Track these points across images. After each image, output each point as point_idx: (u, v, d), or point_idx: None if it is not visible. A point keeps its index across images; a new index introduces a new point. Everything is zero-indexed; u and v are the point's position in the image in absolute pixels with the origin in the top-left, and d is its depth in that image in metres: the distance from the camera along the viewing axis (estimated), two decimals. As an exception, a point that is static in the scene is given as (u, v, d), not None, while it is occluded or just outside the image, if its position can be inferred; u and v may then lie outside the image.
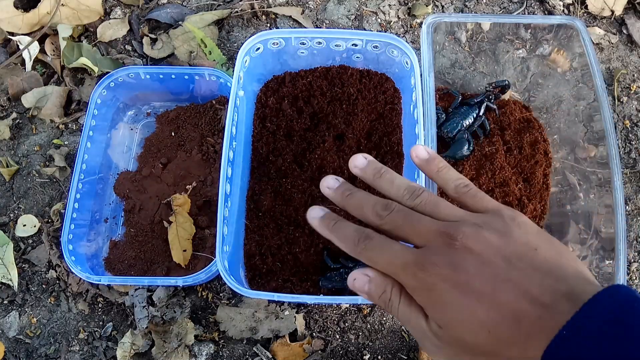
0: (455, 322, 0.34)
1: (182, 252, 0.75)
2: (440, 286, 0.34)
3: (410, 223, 0.38)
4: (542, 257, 0.34)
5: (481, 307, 0.33)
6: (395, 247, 0.37)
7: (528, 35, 0.81)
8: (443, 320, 0.35)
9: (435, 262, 0.35)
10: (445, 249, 0.35)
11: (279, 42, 0.76)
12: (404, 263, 0.36)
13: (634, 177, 0.84)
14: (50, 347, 0.77)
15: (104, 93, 0.82)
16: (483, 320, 0.33)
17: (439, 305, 0.35)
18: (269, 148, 0.78)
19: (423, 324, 0.36)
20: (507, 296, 0.33)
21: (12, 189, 0.86)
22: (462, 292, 0.34)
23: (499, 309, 0.33)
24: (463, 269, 0.34)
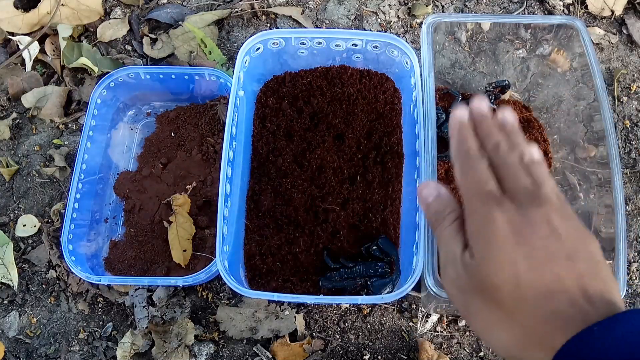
0: (493, 260, 0.35)
1: (182, 252, 0.75)
2: (502, 225, 0.35)
3: (517, 169, 0.39)
4: (601, 269, 0.35)
5: (526, 263, 0.34)
6: (491, 178, 0.39)
7: (528, 35, 0.81)
8: (482, 253, 0.36)
9: (513, 208, 0.36)
10: (529, 206, 0.36)
11: (279, 42, 0.76)
12: (488, 191, 0.38)
13: (634, 177, 0.84)
14: (50, 347, 0.77)
15: (104, 93, 0.82)
16: (519, 273, 0.34)
17: (488, 240, 0.36)
18: (269, 148, 0.78)
19: (458, 251, 0.38)
20: (558, 271, 0.34)
21: (12, 189, 0.86)
22: (518, 242, 0.35)
23: (542, 275, 0.34)
24: (533, 227, 0.35)
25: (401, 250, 0.73)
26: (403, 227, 0.74)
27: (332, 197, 0.74)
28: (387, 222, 0.73)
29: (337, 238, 0.72)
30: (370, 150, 0.76)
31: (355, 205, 0.74)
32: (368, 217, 0.73)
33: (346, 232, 0.73)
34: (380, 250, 0.71)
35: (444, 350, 0.74)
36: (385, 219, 0.73)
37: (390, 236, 0.73)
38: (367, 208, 0.74)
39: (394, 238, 0.73)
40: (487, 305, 0.36)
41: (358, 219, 0.73)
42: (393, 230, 0.73)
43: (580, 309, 0.32)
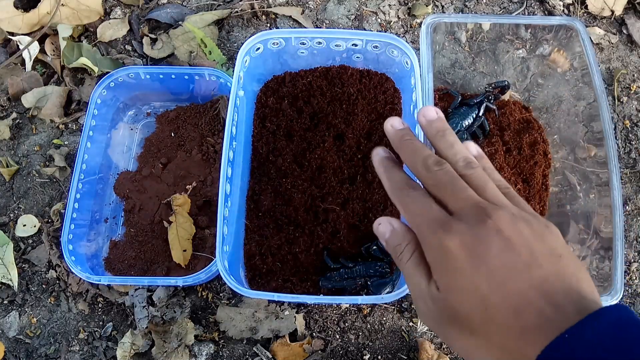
0: (457, 290, 0.35)
1: (182, 252, 0.75)
2: (457, 252, 0.35)
3: (453, 186, 0.38)
4: (564, 264, 0.34)
5: (488, 285, 0.33)
6: (432, 204, 0.38)
7: (528, 35, 0.81)
8: (445, 284, 0.35)
9: (462, 229, 0.35)
10: (476, 222, 0.35)
11: (279, 42, 0.76)
12: (433, 219, 0.37)
13: (634, 177, 0.84)
14: (50, 347, 0.77)
15: (104, 93, 0.82)
16: (484, 297, 0.33)
17: (447, 270, 0.35)
18: (269, 148, 0.78)
19: (424, 284, 0.37)
20: (520, 285, 0.33)
21: (12, 189, 0.86)
22: (475, 265, 0.34)
23: (506, 294, 0.33)
24: (486, 244, 0.34)
25: (401, 250, 0.72)
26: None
27: (332, 197, 0.74)
28: (387, 222, 0.73)
29: (337, 238, 0.72)
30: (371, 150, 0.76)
31: (355, 205, 0.74)
32: (368, 217, 0.73)
33: (346, 232, 0.73)
34: (380, 250, 0.71)
35: (444, 350, 0.74)
36: (385, 219, 0.73)
37: (390, 236, 0.72)
38: (367, 208, 0.74)
39: (394, 238, 0.73)
40: (462, 333, 0.35)
41: (358, 219, 0.73)
42: (393, 230, 0.73)
43: (549, 318, 0.32)
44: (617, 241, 0.61)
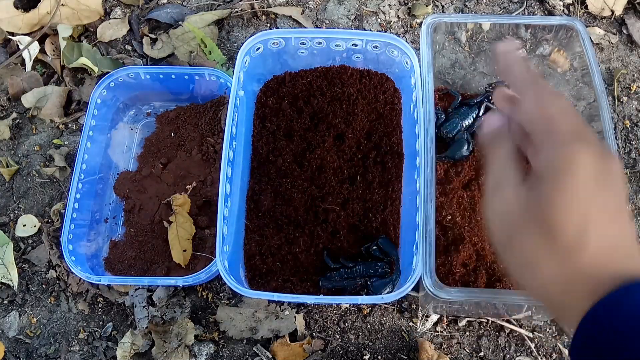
0: (563, 200, 0.33)
1: (182, 252, 0.75)
2: (586, 167, 0.34)
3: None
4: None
5: (597, 216, 0.33)
6: (574, 112, 0.37)
7: (528, 35, 0.81)
8: (551, 188, 0.34)
9: (599, 150, 0.34)
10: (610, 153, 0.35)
11: (279, 42, 0.76)
12: (571, 125, 0.36)
13: (634, 177, 0.83)
14: (50, 347, 0.77)
15: (104, 93, 0.82)
16: (589, 224, 0.33)
17: (563, 178, 0.34)
18: (269, 148, 0.78)
19: (514, 179, 0.37)
20: (623, 225, 0.34)
21: (12, 189, 0.86)
22: (595, 190, 0.33)
23: (608, 230, 0.33)
24: (614, 177, 0.34)
25: (401, 250, 0.73)
26: (403, 227, 0.74)
27: (332, 197, 0.74)
28: (387, 222, 0.73)
29: (337, 238, 0.72)
30: (370, 150, 0.77)
31: (355, 205, 0.74)
32: (368, 217, 0.73)
33: (346, 232, 0.73)
34: (380, 250, 0.71)
35: (444, 350, 0.74)
36: (385, 219, 0.73)
37: (390, 236, 0.73)
38: (367, 208, 0.74)
39: (394, 238, 0.73)
40: (540, 238, 0.34)
41: (358, 219, 0.73)
42: (393, 230, 0.73)
43: (636, 263, 0.32)
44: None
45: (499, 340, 0.74)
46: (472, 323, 0.75)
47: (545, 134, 0.36)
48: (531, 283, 0.35)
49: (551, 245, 0.34)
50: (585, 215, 0.33)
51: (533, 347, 0.74)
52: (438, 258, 0.71)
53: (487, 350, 0.74)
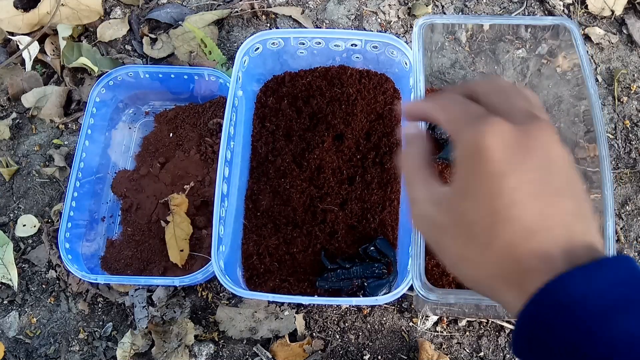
0: (474, 192, 0.32)
1: (179, 252, 0.75)
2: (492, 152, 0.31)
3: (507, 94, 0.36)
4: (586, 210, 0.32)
5: (509, 198, 0.31)
6: (473, 103, 0.35)
7: (528, 35, 0.81)
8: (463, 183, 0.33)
9: (507, 129, 0.32)
10: (528, 121, 0.32)
11: (278, 42, 0.76)
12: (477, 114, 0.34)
13: (634, 177, 0.83)
14: (50, 347, 0.77)
15: (103, 92, 0.82)
16: (499, 208, 0.31)
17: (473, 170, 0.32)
18: (268, 148, 0.78)
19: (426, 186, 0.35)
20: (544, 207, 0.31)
21: (12, 189, 0.86)
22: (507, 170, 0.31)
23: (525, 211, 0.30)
24: (530, 150, 0.31)
25: (399, 251, 0.73)
26: (401, 228, 0.74)
27: (330, 198, 0.74)
28: (385, 223, 0.73)
29: (335, 239, 0.72)
30: (370, 151, 0.76)
31: (354, 206, 0.74)
32: (366, 217, 0.73)
33: (344, 232, 0.73)
34: (378, 251, 0.71)
35: (444, 350, 0.74)
36: (383, 220, 0.73)
37: (388, 237, 0.73)
38: (365, 209, 0.74)
39: (392, 239, 0.73)
40: (460, 240, 0.33)
41: (356, 219, 0.73)
42: (391, 231, 0.73)
43: (563, 250, 0.29)
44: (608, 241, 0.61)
45: (499, 340, 0.74)
46: (472, 323, 0.75)
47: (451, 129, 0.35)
48: (463, 279, 0.34)
49: (469, 246, 0.32)
50: (496, 203, 0.31)
51: (533, 348, 0.74)
52: (432, 259, 0.71)
53: (487, 350, 0.74)
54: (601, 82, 0.89)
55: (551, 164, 0.32)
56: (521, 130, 0.32)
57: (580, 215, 0.31)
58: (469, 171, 0.32)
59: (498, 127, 0.31)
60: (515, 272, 0.31)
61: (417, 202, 0.36)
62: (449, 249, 0.34)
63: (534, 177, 0.31)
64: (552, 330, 0.28)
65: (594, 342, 0.26)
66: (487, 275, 0.32)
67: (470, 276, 0.34)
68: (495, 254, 0.31)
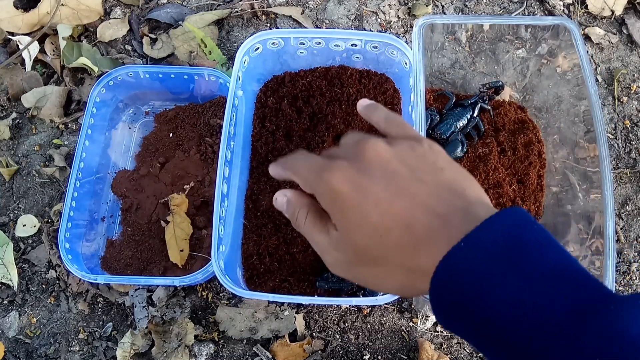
0: (353, 226, 0.35)
1: (179, 252, 0.75)
2: (342, 188, 0.35)
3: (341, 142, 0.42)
4: (447, 176, 0.36)
5: (376, 212, 0.34)
6: (315, 156, 0.40)
7: (528, 35, 0.81)
8: (342, 223, 0.36)
9: (343, 166, 0.36)
10: (356, 156, 0.37)
11: (278, 42, 0.76)
12: (316, 165, 0.38)
13: (634, 177, 0.83)
14: (50, 347, 0.77)
15: (103, 92, 0.82)
16: (377, 224, 0.34)
17: (339, 209, 0.36)
18: (269, 148, 0.78)
19: (325, 237, 0.38)
20: (404, 204, 0.34)
21: (12, 189, 0.86)
22: (362, 195, 0.35)
23: (393, 215, 0.34)
24: (368, 173, 0.36)
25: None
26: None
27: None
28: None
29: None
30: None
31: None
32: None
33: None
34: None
35: (444, 350, 0.74)
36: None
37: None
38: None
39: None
40: (368, 266, 0.36)
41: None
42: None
43: (438, 230, 0.32)
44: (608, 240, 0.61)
45: (499, 340, 0.74)
46: (471, 323, 0.75)
47: (309, 187, 0.39)
48: (390, 293, 0.40)
49: (375, 267, 0.36)
50: (371, 223, 0.34)
51: (533, 348, 0.74)
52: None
53: (486, 351, 0.74)
54: (601, 82, 0.89)
55: (392, 167, 0.36)
56: (354, 164, 0.36)
57: (443, 187, 0.35)
58: (339, 213, 0.36)
59: (337, 170, 0.36)
60: (415, 267, 0.33)
61: (324, 252, 0.39)
62: (365, 277, 0.37)
63: (382, 188, 0.35)
64: (450, 303, 0.31)
65: (478, 314, 0.29)
66: (400, 282, 0.35)
67: (392, 289, 0.37)
68: (396, 260, 0.34)
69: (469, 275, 0.30)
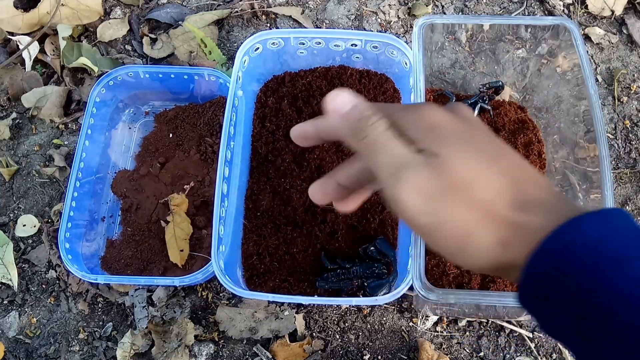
0: (456, 153, 0.31)
1: (179, 252, 0.75)
2: (447, 122, 0.32)
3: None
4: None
5: (484, 157, 0.31)
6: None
7: (528, 35, 0.81)
8: (444, 149, 0.31)
9: (444, 111, 0.33)
10: (458, 111, 0.34)
11: (278, 42, 0.76)
12: (409, 105, 0.34)
13: (634, 177, 0.83)
14: (50, 347, 0.77)
15: (103, 92, 0.82)
16: (484, 166, 0.31)
17: (439, 134, 0.32)
18: (268, 148, 0.78)
19: (409, 153, 0.32)
20: (514, 159, 0.32)
21: (12, 189, 0.86)
22: (466, 138, 0.32)
23: (503, 165, 0.31)
24: (473, 125, 0.33)
25: (399, 251, 0.73)
26: (401, 228, 0.74)
27: (331, 198, 0.74)
28: (386, 223, 0.73)
29: (335, 239, 0.72)
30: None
31: (354, 206, 0.73)
32: (366, 217, 0.73)
33: (344, 232, 0.73)
34: (378, 251, 0.71)
35: (444, 350, 0.74)
36: (383, 220, 0.73)
37: (388, 237, 0.73)
38: (365, 209, 0.74)
39: (392, 239, 0.73)
40: (462, 204, 0.30)
41: (356, 219, 0.73)
42: (391, 231, 0.73)
43: (558, 199, 0.30)
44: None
45: (499, 340, 0.74)
46: (472, 323, 0.75)
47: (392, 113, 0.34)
48: (473, 258, 0.31)
49: (472, 210, 0.30)
50: (479, 160, 0.31)
51: (533, 347, 0.74)
52: (432, 259, 0.71)
53: (487, 351, 0.74)
54: (601, 82, 0.89)
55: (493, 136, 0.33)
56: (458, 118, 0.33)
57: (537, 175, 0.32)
58: (439, 137, 0.32)
59: (439, 109, 0.33)
60: (518, 225, 0.30)
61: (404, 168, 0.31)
62: (450, 222, 0.31)
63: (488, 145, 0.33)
64: (563, 276, 0.27)
65: (605, 287, 0.26)
66: (496, 239, 0.30)
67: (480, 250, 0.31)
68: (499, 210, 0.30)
69: (603, 245, 0.26)
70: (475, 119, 0.35)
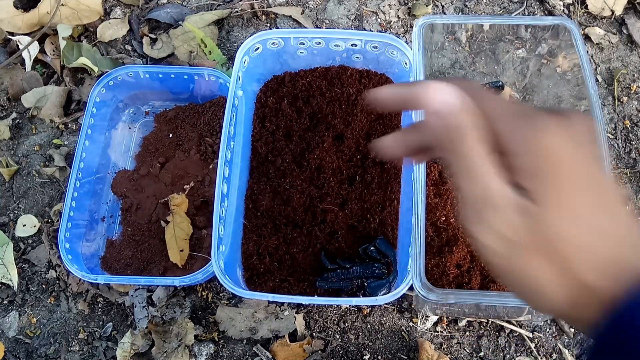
0: (559, 205, 0.27)
1: (179, 252, 0.75)
2: (559, 152, 0.27)
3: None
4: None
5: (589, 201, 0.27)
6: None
7: (528, 35, 0.81)
8: (546, 194, 0.27)
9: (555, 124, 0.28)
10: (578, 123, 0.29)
11: (278, 42, 0.76)
12: (515, 110, 0.29)
13: (634, 177, 0.83)
14: (50, 347, 0.77)
15: (103, 92, 0.82)
16: (589, 213, 0.27)
17: (550, 175, 0.27)
18: (268, 148, 0.78)
19: (500, 185, 0.28)
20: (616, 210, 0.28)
21: (12, 189, 0.86)
22: (578, 176, 0.27)
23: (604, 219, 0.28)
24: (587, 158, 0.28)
25: (399, 251, 0.73)
26: (401, 228, 0.74)
27: (330, 198, 0.74)
28: (386, 223, 0.73)
29: (335, 239, 0.72)
30: (370, 151, 0.76)
31: (354, 206, 0.74)
32: (366, 217, 0.73)
33: (344, 232, 0.73)
34: (378, 251, 0.71)
35: (444, 350, 0.74)
36: (383, 220, 0.73)
37: (388, 237, 0.73)
38: (365, 209, 0.74)
39: (392, 239, 0.73)
40: (541, 259, 0.27)
41: (356, 219, 0.73)
42: (391, 231, 0.73)
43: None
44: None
45: (499, 340, 0.74)
46: (472, 323, 0.75)
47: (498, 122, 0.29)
48: (542, 304, 0.29)
49: (549, 265, 0.28)
50: (581, 214, 0.27)
51: (533, 347, 0.74)
52: (432, 259, 0.71)
53: (487, 350, 0.74)
54: (601, 82, 0.89)
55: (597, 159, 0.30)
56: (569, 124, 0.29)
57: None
58: (546, 175, 0.28)
59: (550, 126, 0.28)
60: (595, 285, 0.27)
61: (493, 212, 0.28)
62: (526, 272, 0.28)
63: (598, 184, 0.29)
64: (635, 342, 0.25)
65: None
66: (568, 294, 0.28)
67: (550, 300, 0.29)
68: (577, 268, 0.28)
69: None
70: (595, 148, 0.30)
